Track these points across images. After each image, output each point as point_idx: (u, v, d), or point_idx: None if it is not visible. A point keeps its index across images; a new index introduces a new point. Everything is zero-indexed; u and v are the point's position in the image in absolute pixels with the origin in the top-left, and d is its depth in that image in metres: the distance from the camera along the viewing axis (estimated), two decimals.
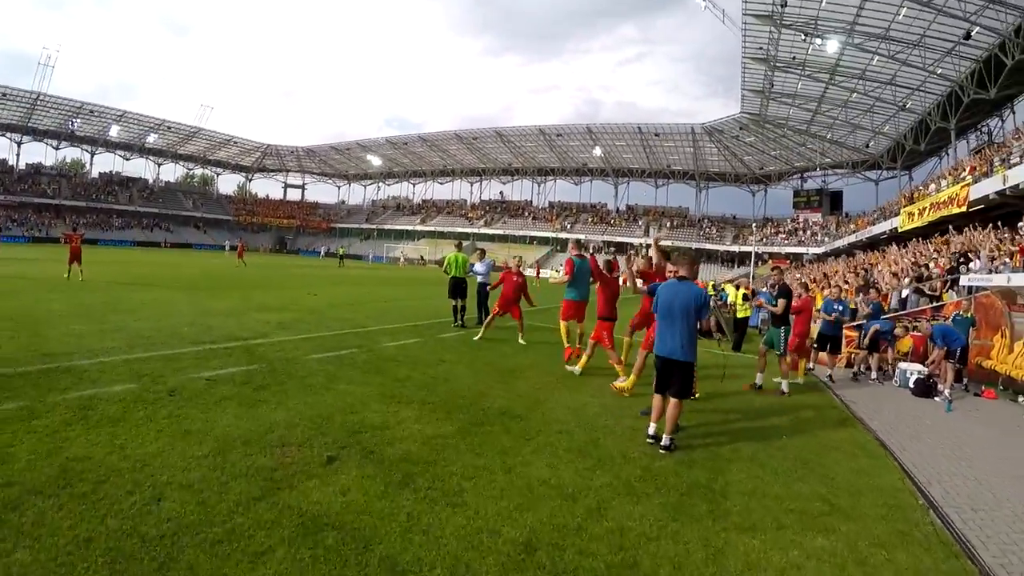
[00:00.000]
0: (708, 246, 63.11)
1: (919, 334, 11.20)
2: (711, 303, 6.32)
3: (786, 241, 59.28)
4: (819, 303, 21.87)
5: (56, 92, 61.44)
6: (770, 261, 52.57)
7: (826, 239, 52.92)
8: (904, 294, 15.61)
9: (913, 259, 20.47)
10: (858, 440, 6.42)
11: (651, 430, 5.68)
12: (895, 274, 18.42)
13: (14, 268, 21.31)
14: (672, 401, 5.57)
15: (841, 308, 10.40)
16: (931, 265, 17.63)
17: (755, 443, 5.90)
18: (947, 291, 14.67)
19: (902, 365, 10.31)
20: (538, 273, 53.18)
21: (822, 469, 5.28)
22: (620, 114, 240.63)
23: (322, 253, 72.01)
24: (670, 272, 7.27)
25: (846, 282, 19.59)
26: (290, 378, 6.96)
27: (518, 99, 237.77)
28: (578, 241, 9.94)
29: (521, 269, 11.43)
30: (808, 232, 58.25)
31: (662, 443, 5.43)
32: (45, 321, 9.67)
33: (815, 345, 10.39)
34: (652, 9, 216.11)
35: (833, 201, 59.90)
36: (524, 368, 8.84)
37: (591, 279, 9.24)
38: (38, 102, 60.91)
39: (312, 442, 4.83)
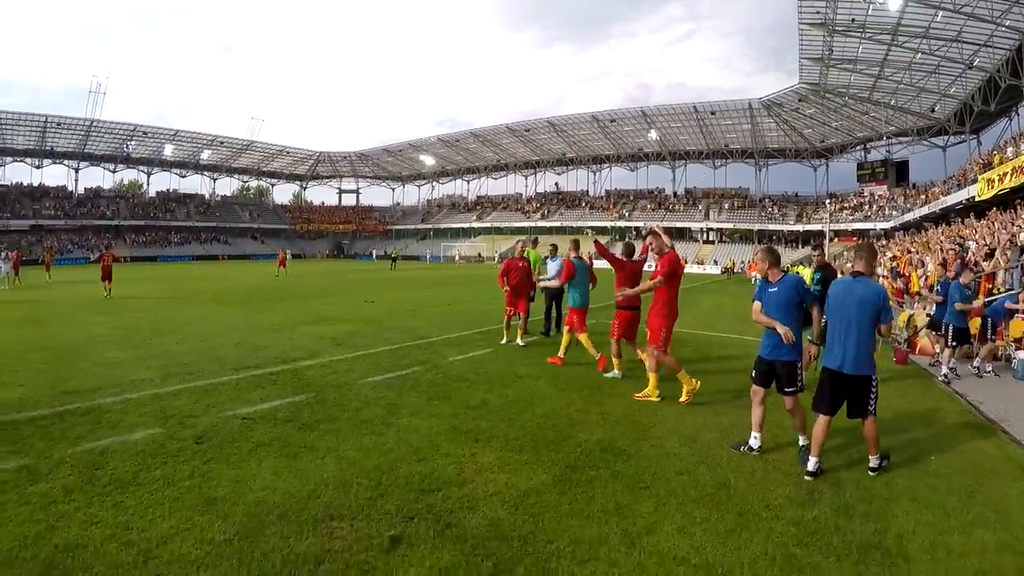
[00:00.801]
0: (771, 226, 59.88)
1: None
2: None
3: (851, 217, 55.44)
4: (915, 286, 19.65)
5: (110, 118, 63.47)
6: (835, 239, 49.66)
7: (894, 213, 49.34)
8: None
9: (1006, 229, 18.07)
10: (1012, 457, 5.08)
11: (811, 465, 4.49)
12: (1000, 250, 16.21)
13: (65, 291, 21.26)
14: (866, 421, 4.54)
15: (970, 292, 8.71)
16: None
17: (906, 471, 4.69)
18: None
19: (1020, 354, 8.57)
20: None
21: (992, 504, 4.10)
22: (671, 96, 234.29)
23: (374, 256, 71.90)
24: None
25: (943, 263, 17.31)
26: (343, 411, 5.86)
27: (568, 89, 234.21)
28: (576, 241, 8.87)
29: (524, 254, 10.49)
30: (874, 206, 54.35)
31: (870, 465, 4.59)
32: (83, 348, 9.09)
33: (954, 343, 8.69)
34: None
35: (899, 172, 55.60)
36: (613, 382, 7.52)
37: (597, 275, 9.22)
38: (92, 128, 62.59)
39: (369, 511, 3.67)
